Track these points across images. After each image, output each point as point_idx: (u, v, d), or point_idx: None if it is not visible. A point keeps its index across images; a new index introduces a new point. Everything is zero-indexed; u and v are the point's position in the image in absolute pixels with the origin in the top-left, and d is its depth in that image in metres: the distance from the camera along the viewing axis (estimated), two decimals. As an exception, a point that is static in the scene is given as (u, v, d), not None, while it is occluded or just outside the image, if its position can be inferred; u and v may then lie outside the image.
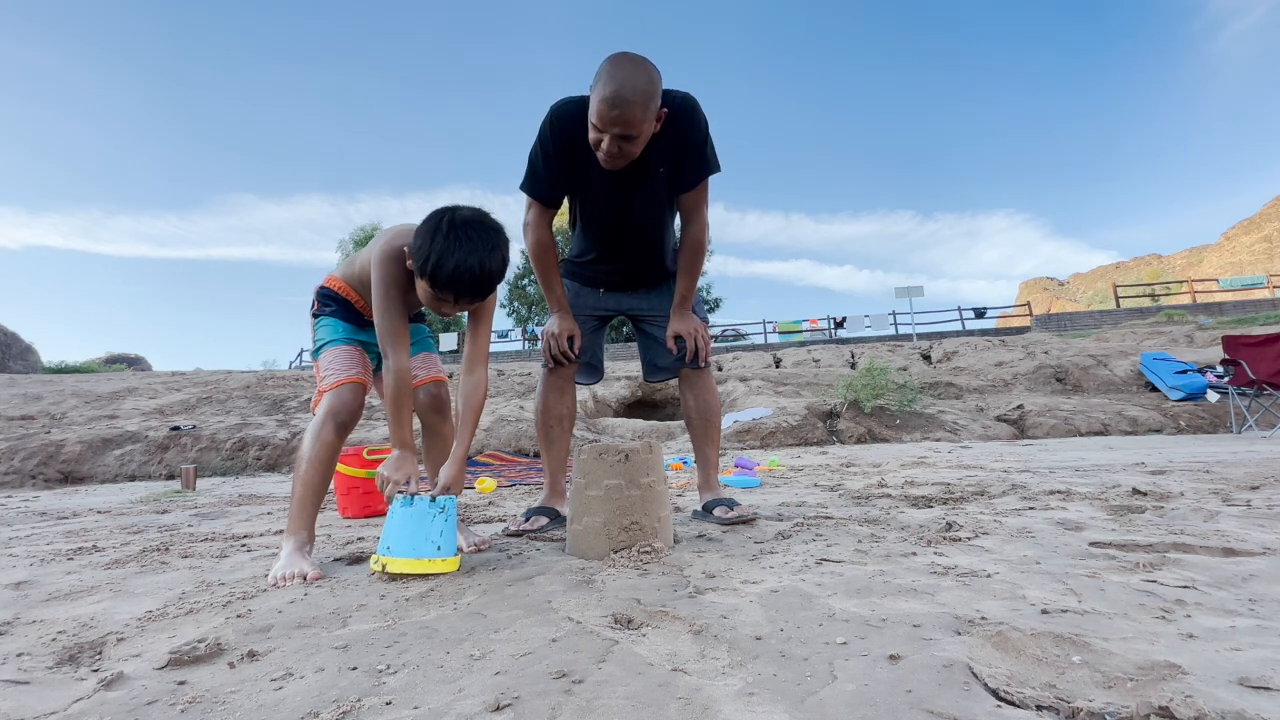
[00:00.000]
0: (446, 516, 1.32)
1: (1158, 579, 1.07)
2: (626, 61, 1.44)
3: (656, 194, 1.72)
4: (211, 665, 0.85)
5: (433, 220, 1.33)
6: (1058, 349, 10.91)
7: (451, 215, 1.33)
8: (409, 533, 1.29)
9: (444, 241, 1.29)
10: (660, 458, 1.52)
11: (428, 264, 1.29)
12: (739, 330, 21.97)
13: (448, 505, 1.33)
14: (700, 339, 1.84)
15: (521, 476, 4.24)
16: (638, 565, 1.30)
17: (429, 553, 1.28)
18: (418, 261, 1.31)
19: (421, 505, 1.30)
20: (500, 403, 8.41)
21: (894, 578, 1.14)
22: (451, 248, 1.29)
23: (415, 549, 1.28)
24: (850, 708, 0.64)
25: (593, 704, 0.67)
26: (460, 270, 1.29)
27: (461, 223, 1.31)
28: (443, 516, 1.32)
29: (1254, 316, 13.63)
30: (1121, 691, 0.66)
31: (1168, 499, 1.97)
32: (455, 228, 1.30)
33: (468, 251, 1.29)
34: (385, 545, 1.29)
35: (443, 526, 1.31)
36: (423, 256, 1.30)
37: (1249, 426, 6.27)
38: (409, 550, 1.28)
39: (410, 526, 1.29)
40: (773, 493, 2.66)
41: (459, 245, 1.29)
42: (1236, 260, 42.13)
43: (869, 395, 7.78)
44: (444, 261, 1.28)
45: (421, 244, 1.31)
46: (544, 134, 1.62)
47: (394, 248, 1.42)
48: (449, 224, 1.31)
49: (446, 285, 1.31)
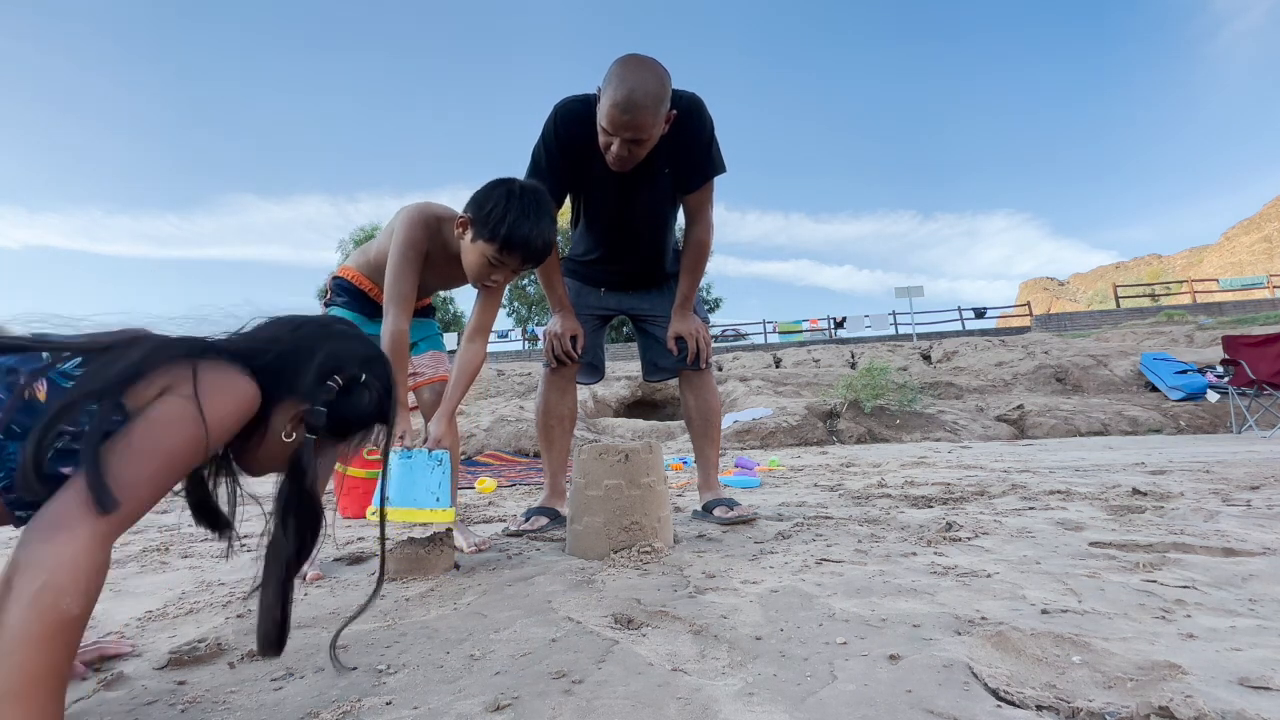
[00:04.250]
0: (444, 469, 1.32)
1: (1158, 579, 1.07)
2: (637, 64, 1.44)
3: (661, 194, 1.72)
4: (211, 665, 0.85)
5: (501, 187, 1.34)
6: (1058, 349, 10.91)
7: (520, 184, 1.36)
8: (407, 484, 1.28)
9: (519, 207, 1.31)
10: (660, 458, 1.52)
11: (501, 227, 1.30)
12: (739, 330, 21.97)
13: (444, 459, 1.33)
14: (701, 340, 1.84)
15: (521, 476, 4.24)
16: (638, 565, 1.30)
17: (428, 503, 1.28)
18: (488, 225, 1.31)
19: (420, 458, 1.30)
20: (500, 403, 8.41)
21: (894, 578, 1.14)
22: (527, 213, 1.31)
23: (414, 499, 1.28)
24: (850, 708, 0.64)
25: (593, 704, 0.67)
26: (532, 237, 1.32)
27: (530, 191, 1.35)
28: (441, 469, 1.32)
29: (1254, 316, 13.63)
30: (1121, 691, 0.66)
31: (1168, 499, 1.97)
32: (526, 195, 1.33)
33: (536, 219, 1.33)
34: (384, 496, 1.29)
35: (441, 478, 1.31)
36: (496, 219, 1.30)
37: (1249, 426, 6.27)
38: (408, 501, 1.27)
39: (409, 478, 1.29)
40: (773, 493, 2.66)
41: (531, 213, 1.32)
42: (1236, 260, 42.16)
43: (869, 395, 7.77)
44: (518, 226, 1.30)
45: (494, 208, 1.31)
46: (548, 132, 1.61)
47: (428, 214, 1.44)
48: (520, 192, 1.33)
49: (518, 249, 1.33)
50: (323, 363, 0.73)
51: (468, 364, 1.52)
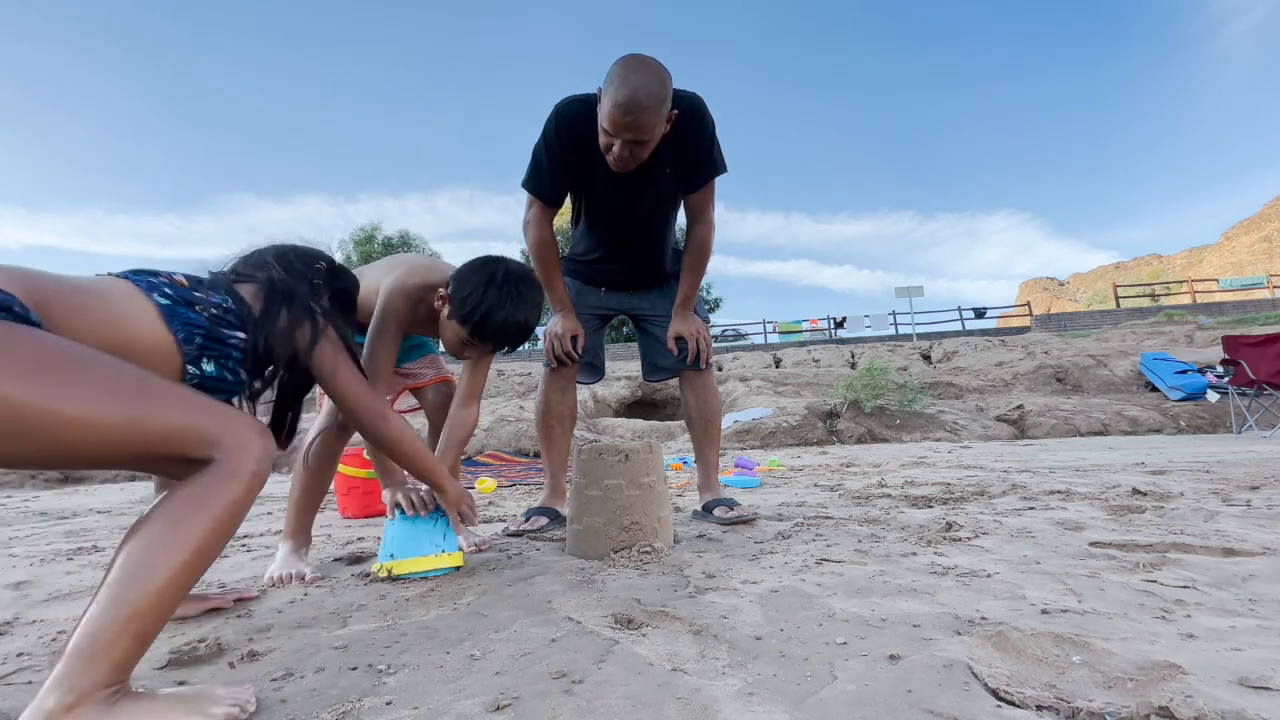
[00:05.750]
0: (446, 520, 1.34)
1: (1158, 579, 1.07)
2: (639, 65, 1.44)
3: (662, 194, 1.72)
4: (212, 665, 0.85)
5: (484, 270, 1.30)
6: (1058, 349, 10.91)
7: (504, 270, 1.31)
8: (411, 538, 1.29)
9: (497, 294, 1.27)
10: (660, 458, 1.52)
11: (475, 313, 1.27)
12: (739, 330, 21.97)
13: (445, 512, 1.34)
14: (701, 340, 1.84)
15: (521, 476, 4.24)
16: (638, 565, 1.30)
17: (434, 550, 1.29)
18: (463, 308, 1.28)
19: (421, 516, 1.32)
20: (500, 403, 8.41)
21: (894, 578, 1.14)
22: (504, 300, 1.28)
23: (419, 549, 1.29)
24: (850, 708, 0.64)
25: (593, 704, 0.67)
26: (509, 324, 1.29)
27: (514, 279, 1.31)
28: (444, 521, 1.33)
29: (1254, 316, 13.63)
30: (1121, 691, 0.66)
31: (1168, 499, 1.97)
32: (508, 283, 1.29)
33: (516, 305, 1.29)
34: (388, 553, 1.29)
35: (445, 529, 1.33)
36: (471, 305, 1.27)
37: (1249, 426, 6.27)
38: (414, 552, 1.28)
39: (411, 532, 1.30)
40: (773, 493, 2.66)
41: (510, 299, 1.29)
42: (1236, 260, 42.13)
43: (869, 395, 7.77)
44: (494, 314, 1.27)
45: (472, 292, 1.28)
46: (549, 133, 1.61)
47: (410, 286, 1.39)
48: (502, 279, 1.29)
49: (490, 336, 1.30)
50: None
51: (461, 428, 1.51)
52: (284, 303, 0.95)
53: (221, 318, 0.89)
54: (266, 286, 0.96)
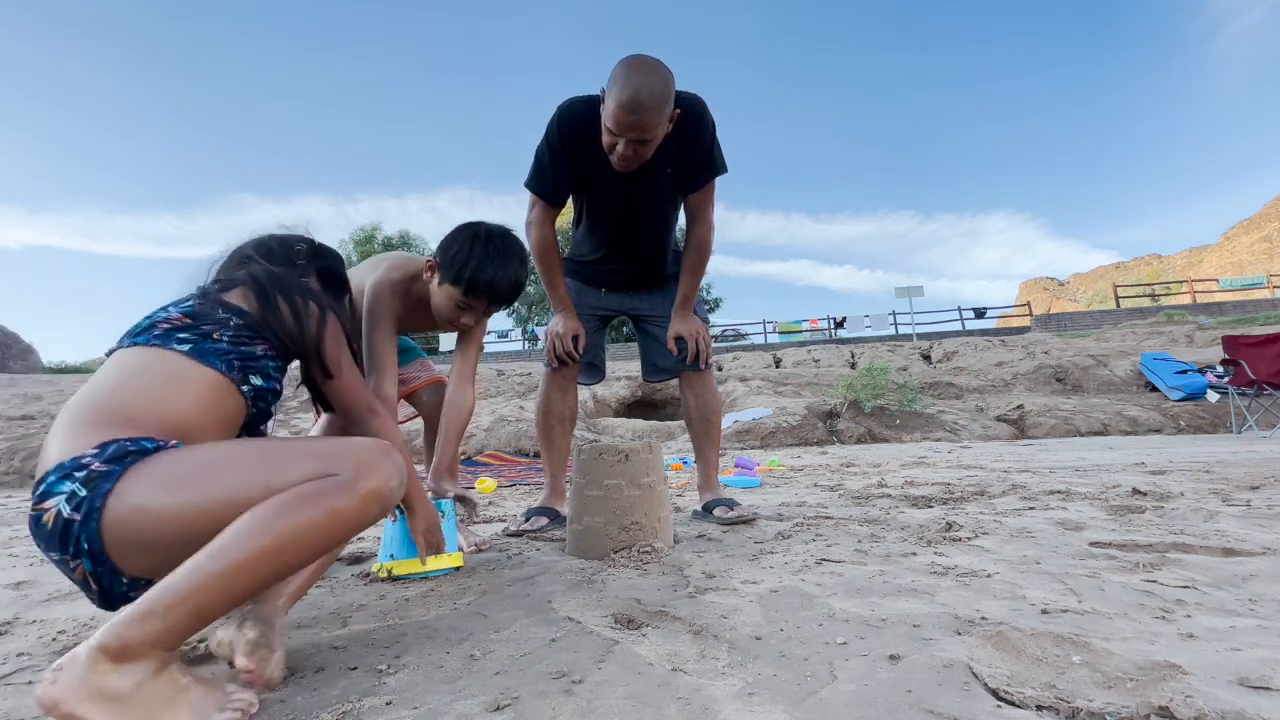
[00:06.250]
0: (446, 519, 1.33)
1: (1158, 579, 1.07)
2: (642, 65, 1.45)
3: (663, 194, 1.72)
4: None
5: (466, 231, 1.36)
6: (1058, 349, 10.91)
7: (486, 228, 1.37)
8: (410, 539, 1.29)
9: (483, 250, 1.32)
10: (660, 458, 1.52)
11: (465, 270, 1.31)
12: (739, 330, 21.97)
13: (445, 508, 1.34)
14: (701, 340, 1.84)
15: (521, 476, 4.24)
16: (638, 565, 1.30)
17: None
18: (452, 269, 1.32)
19: None
20: (500, 403, 8.41)
21: (894, 578, 1.14)
22: (491, 256, 1.32)
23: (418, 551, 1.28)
24: (850, 708, 0.64)
25: (592, 704, 0.67)
26: (498, 279, 1.33)
27: (498, 235, 1.36)
28: (445, 520, 1.32)
29: (1254, 316, 13.63)
30: (1121, 691, 0.66)
31: (1168, 499, 1.97)
32: (492, 239, 1.35)
33: (503, 261, 1.34)
34: (388, 554, 1.29)
35: (446, 528, 1.32)
36: (459, 263, 1.32)
37: (1249, 426, 6.27)
38: (414, 553, 1.28)
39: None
40: (773, 493, 2.66)
41: (497, 255, 1.33)
42: (1236, 260, 42.13)
43: (869, 395, 7.77)
44: (483, 269, 1.31)
45: (458, 252, 1.32)
46: (551, 133, 1.62)
47: (395, 279, 1.44)
48: (486, 235, 1.35)
49: (483, 292, 1.34)
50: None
51: (458, 414, 1.52)
52: (276, 291, 0.95)
53: (237, 335, 0.90)
54: (253, 283, 0.96)
